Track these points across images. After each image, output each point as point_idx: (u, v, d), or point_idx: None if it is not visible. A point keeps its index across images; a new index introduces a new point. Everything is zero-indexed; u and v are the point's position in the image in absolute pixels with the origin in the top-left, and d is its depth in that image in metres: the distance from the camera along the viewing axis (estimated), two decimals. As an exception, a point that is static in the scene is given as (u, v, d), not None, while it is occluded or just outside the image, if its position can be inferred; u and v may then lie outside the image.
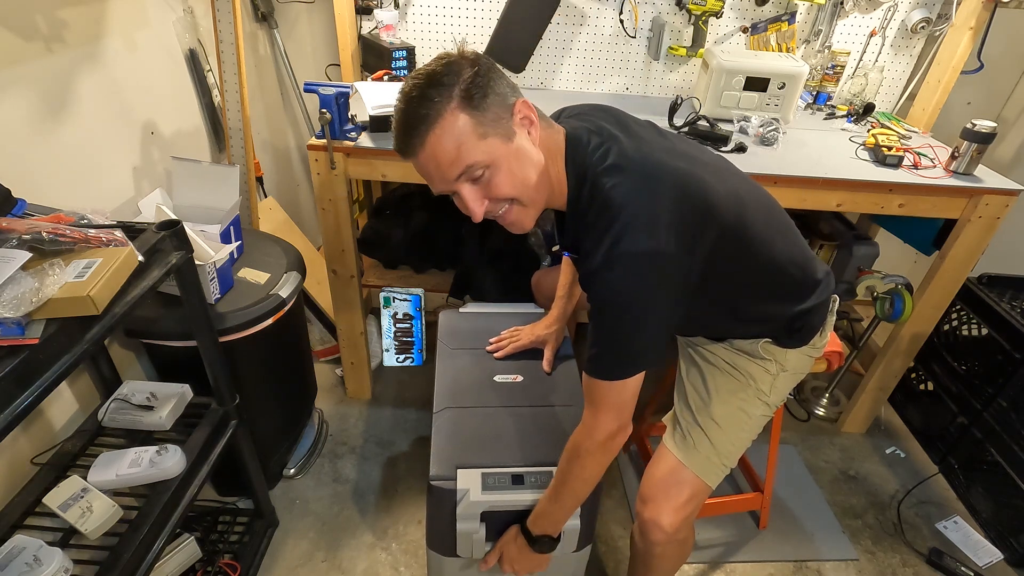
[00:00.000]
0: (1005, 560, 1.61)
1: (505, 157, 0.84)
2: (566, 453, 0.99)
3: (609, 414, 0.92)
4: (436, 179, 0.86)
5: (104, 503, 1.03)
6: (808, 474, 1.83)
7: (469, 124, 0.81)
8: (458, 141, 0.81)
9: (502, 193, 0.86)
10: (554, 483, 1.02)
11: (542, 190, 0.90)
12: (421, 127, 0.81)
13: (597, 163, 0.87)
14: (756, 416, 1.13)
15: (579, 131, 0.92)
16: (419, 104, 0.80)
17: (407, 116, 0.82)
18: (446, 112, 0.80)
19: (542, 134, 0.89)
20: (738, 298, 1.03)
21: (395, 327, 1.57)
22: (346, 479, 1.71)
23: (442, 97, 0.80)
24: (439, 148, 0.82)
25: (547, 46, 1.93)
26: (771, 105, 1.73)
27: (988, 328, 1.74)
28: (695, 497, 1.08)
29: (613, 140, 0.89)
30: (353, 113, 1.49)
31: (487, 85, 0.82)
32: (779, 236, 1.01)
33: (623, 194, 0.83)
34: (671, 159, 0.88)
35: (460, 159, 0.82)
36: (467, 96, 0.80)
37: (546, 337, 1.35)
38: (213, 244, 1.29)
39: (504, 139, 0.84)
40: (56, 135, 1.20)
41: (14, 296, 0.73)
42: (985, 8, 1.65)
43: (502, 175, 0.85)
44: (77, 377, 1.27)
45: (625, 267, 0.82)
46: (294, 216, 2.16)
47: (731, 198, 0.90)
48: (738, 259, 0.94)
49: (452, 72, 0.81)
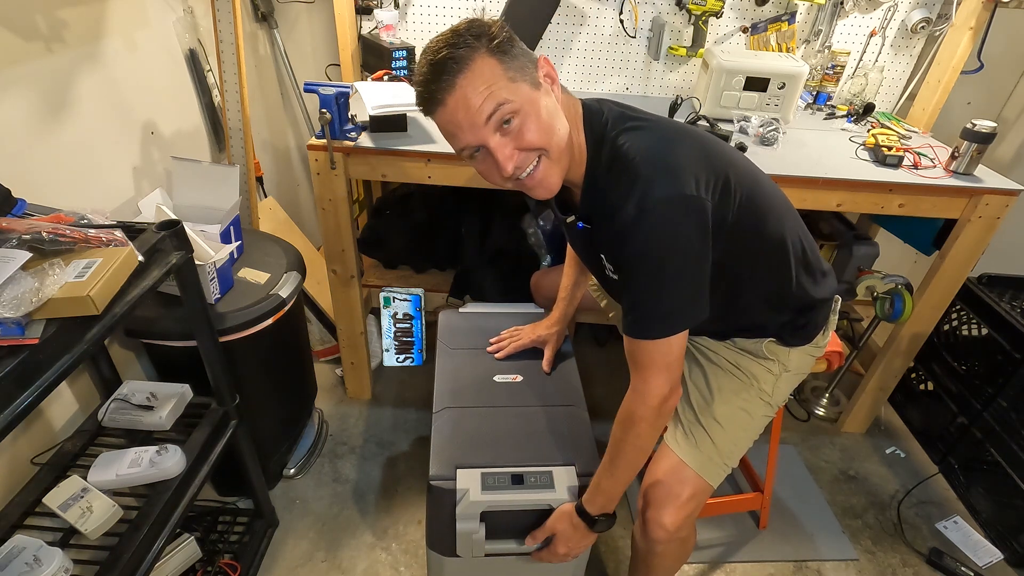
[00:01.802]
0: (1005, 560, 1.61)
1: (534, 103, 0.84)
2: (619, 423, 0.97)
3: (660, 376, 0.90)
4: (465, 126, 0.83)
5: (104, 503, 1.03)
6: (808, 474, 1.83)
7: (499, 67, 0.81)
8: (488, 82, 0.81)
9: (532, 141, 0.84)
10: (608, 456, 1.00)
11: (567, 149, 0.90)
12: (451, 71, 0.80)
13: (615, 126, 0.90)
14: (758, 416, 1.13)
15: (591, 104, 0.95)
16: (448, 53, 0.80)
17: (435, 66, 0.81)
18: (476, 56, 0.81)
19: (563, 97, 0.91)
20: (754, 275, 1.03)
21: (395, 327, 1.57)
22: (346, 479, 1.71)
23: (470, 45, 0.81)
24: (470, 89, 0.81)
25: (547, 46, 1.93)
26: (771, 105, 1.73)
27: (988, 328, 1.74)
28: (696, 496, 1.08)
29: (628, 109, 0.93)
30: (353, 113, 1.50)
31: (512, 38, 0.84)
32: (788, 215, 1.03)
33: (644, 147, 0.85)
34: (689, 129, 0.93)
35: (492, 96, 0.81)
36: (496, 44, 0.82)
37: (547, 337, 1.35)
38: (213, 244, 1.29)
39: (532, 86, 0.84)
40: (56, 135, 1.20)
41: (14, 296, 0.73)
42: (985, 8, 1.65)
43: (532, 121, 0.84)
44: (77, 377, 1.27)
45: (660, 215, 0.82)
46: (294, 216, 2.16)
47: (746, 172, 0.94)
48: (754, 232, 0.96)
49: (477, 26, 0.83)
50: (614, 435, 0.99)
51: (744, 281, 1.03)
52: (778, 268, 1.04)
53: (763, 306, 1.08)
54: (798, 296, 1.07)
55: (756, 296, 1.07)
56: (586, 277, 1.37)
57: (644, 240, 0.84)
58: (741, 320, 1.11)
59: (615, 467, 0.99)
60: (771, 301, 1.08)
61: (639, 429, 0.95)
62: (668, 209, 0.82)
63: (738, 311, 1.09)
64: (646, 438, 0.96)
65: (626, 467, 0.99)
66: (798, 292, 1.07)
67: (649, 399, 0.92)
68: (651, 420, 0.94)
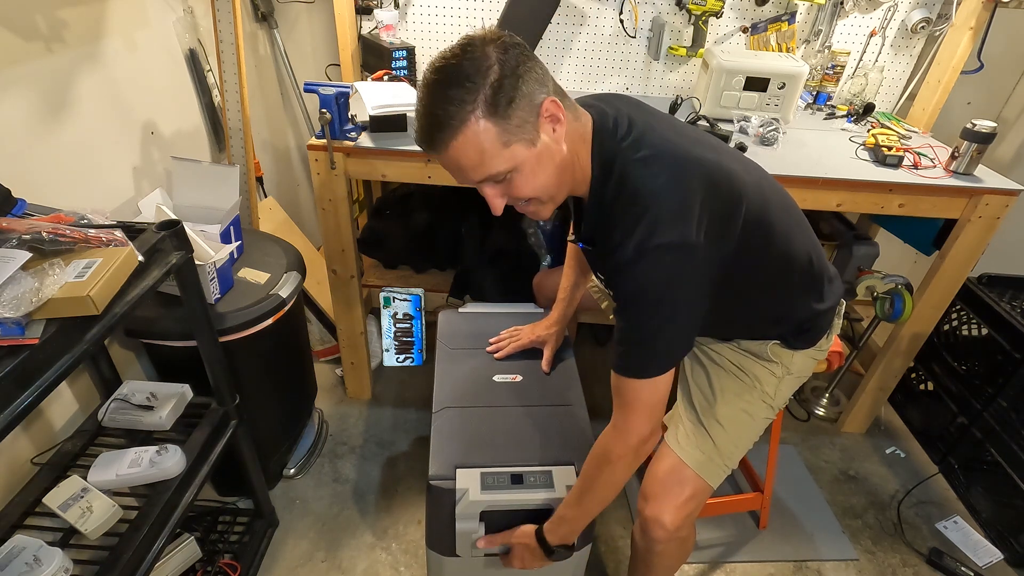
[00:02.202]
0: (1005, 560, 1.61)
1: (527, 161, 0.82)
2: (593, 459, 0.97)
3: (641, 415, 0.90)
4: (457, 178, 0.86)
5: (104, 503, 1.03)
6: (808, 474, 1.83)
7: (493, 132, 0.77)
8: (481, 149, 0.78)
9: (523, 194, 0.85)
10: (578, 488, 0.99)
11: (564, 185, 0.89)
12: (445, 132, 0.78)
13: (627, 152, 0.86)
14: (760, 418, 1.14)
15: (606, 119, 0.90)
16: (441, 103, 0.77)
17: (430, 116, 0.79)
18: (470, 119, 0.76)
19: (569, 128, 0.86)
20: (758, 294, 1.03)
21: (395, 327, 1.57)
22: (346, 479, 1.71)
23: (465, 101, 0.75)
24: (462, 155, 0.80)
25: (547, 46, 1.93)
26: (771, 105, 1.73)
27: (988, 328, 1.74)
28: (697, 496, 1.08)
29: (641, 129, 0.88)
30: (353, 113, 1.49)
31: (514, 88, 0.77)
32: (797, 229, 1.01)
33: (653, 185, 0.82)
34: (699, 149, 0.87)
35: (483, 167, 0.80)
36: (492, 103, 0.76)
37: (546, 338, 1.35)
38: (213, 244, 1.29)
39: (528, 144, 0.81)
40: (56, 135, 1.20)
41: (14, 296, 0.73)
42: (985, 8, 1.64)
43: (523, 177, 0.83)
44: (77, 377, 1.26)
45: (657, 260, 0.81)
46: (294, 216, 2.15)
47: (756, 190, 0.91)
48: (761, 251, 0.94)
49: (477, 70, 0.76)
50: (586, 470, 0.98)
51: (746, 301, 1.03)
52: (783, 288, 1.04)
53: (765, 321, 1.09)
54: (801, 313, 1.08)
55: (758, 314, 1.08)
56: (586, 278, 1.37)
57: (640, 283, 0.83)
58: (749, 329, 1.12)
59: (583, 501, 0.99)
60: (773, 318, 1.09)
61: (614, 467, 0.94)
62: (667, 256, 0.81)
63: (740, 326, 1.11)
64: (620, 476, 0.96)
65: (594, 503, 0.99)
66: (802, 311, 1.08)
67: (628, 438, 0.92)
68: (628, 460, 0.94)
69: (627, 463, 0.94)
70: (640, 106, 0.96)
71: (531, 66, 0.80)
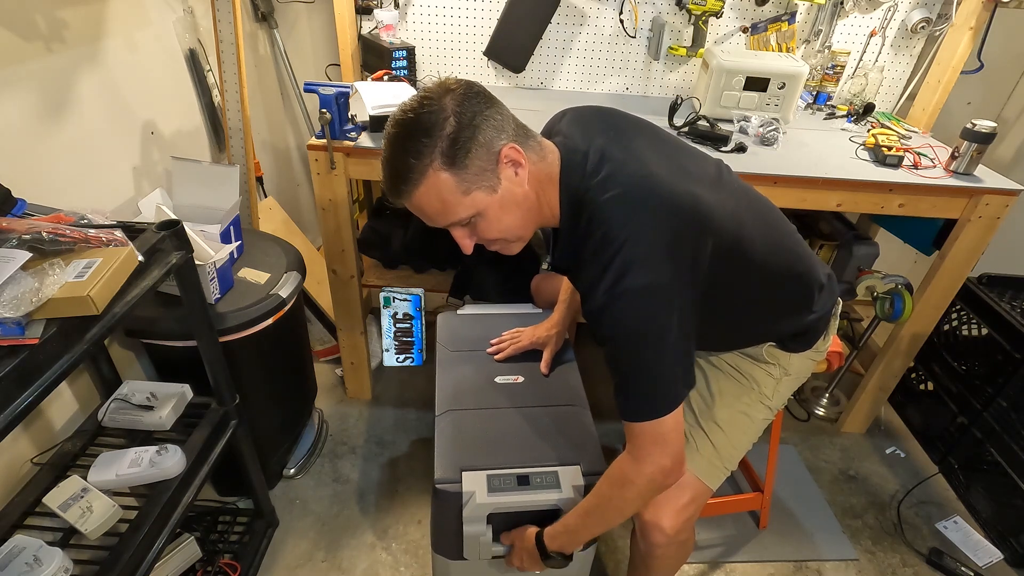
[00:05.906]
0: (1005, 560, 1.61)
1: (490, 207, 0.85)
2: (610, 479, 0.94)
3: (655, 449, 0.87)
4: (426, 222, 0.89)
5: (104, 503, 1.03)
6: (808, 474, 1.83)
7: (451, 182, 0.81)
8: (442, 199, 0.82)
9: (488, 237, 0.90)
10: (588, 504, 0.98)
11: (530, 224, 0.92)
12: (407, 184, 0.82)
13: (595, 191, 0.84)
14: (758, 419, 1.14)
15: (575, 155, 0.89)
16: (402, 155, 0.81)
17: (391, 169, 0.84)
18: (429, 171, 0.80)
19: (533, 168, 0.87)
20: (739, 316, 1.03)
21: (395, 327, 1.57)
22: (346, 479, 1.71)
23: (422, 153, 0.79)
24: (425, 204, 0.84)
25: (547, 46, 1.93)
26: (771, 105, 1.73)
27: (988, 328, 1.74)
28: (696, 499, 1.08)
29: (613, 164, 0.86)
30: (353, 113, 1.49)
31: (470, 138, 0.80)
32: (779, 250, 0.99)
33: (622, 226, 0.81)
34: (673, 180, 0.85)
35: (446, 214, 0.85)
36: (448, 155, 0.80)
37: (546, 340, 1.34)
38: (213, 244, 1.29)
39: (489, 191, 0.84)
40: (56, 135, 1.20)
41: (14, 296, 0.73)
42: (985, 8, 1.65)
43: (487, 222, 0.87)
44: (77, 377, 1.26)
45: (630, 302, 0.81)
46: (294, 216, 2.15)
47: (727, 215, 0.88)
48: (739, 277, 0.93)
49: (433, 123, 0.79)
50: (600, 489, 0.95)
51: (730, 324, 1.04)
52: (768, 304, 1.03)
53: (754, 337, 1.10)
54: (790, 327, 1.08)
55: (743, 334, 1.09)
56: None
57: (617, 326, 0.82)
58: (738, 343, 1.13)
59: (589, 517, 0.98)
60: (761, 333, 1.09)
61: (627, 494, 0.92)
62: (638, 298, 0.80)
63: (733, 337, 1.11)
64: (632, 505, 0.95)
65: (598, 522, 0.98)
66: (790, 325, 1.08)
67: (644, 466, 0.89)
68: (643, 490, 0.91)
69: (639, 490, 0.91)
70: (619, 130, 0.94)
71: (489, 114, 0.82)
